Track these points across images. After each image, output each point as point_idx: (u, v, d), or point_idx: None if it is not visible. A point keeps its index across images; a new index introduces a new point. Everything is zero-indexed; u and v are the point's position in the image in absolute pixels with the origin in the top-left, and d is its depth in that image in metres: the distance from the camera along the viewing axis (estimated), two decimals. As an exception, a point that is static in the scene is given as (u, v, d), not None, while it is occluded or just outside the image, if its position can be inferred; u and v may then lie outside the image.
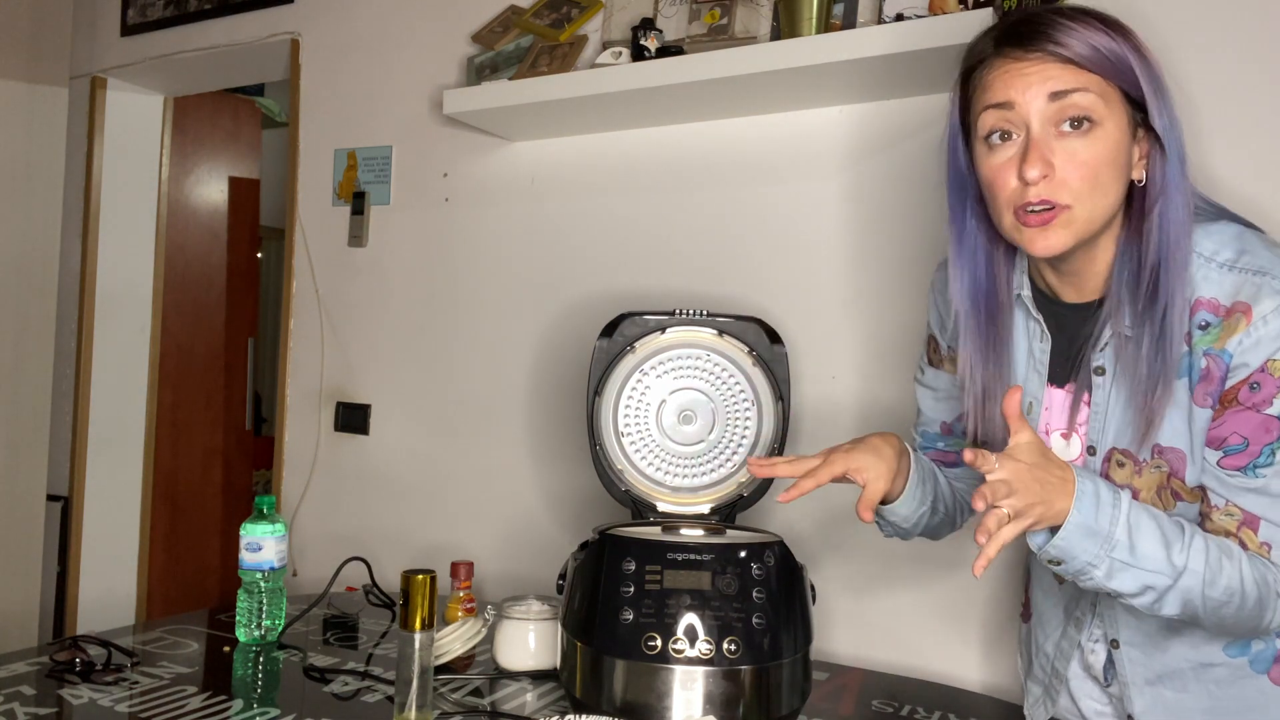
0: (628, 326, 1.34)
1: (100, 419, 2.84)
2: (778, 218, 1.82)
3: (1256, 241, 0.99)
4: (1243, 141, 1.41)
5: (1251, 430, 0.96)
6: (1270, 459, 0.96)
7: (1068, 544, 0.94)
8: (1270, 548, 0.96)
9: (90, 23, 2.85)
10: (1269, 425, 0.95)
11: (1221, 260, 0.98)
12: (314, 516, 2.40)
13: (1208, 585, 0.95)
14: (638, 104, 1.81)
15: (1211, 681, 1.05)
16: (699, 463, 1.35)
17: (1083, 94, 0.95)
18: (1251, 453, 0.96)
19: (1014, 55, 0.98)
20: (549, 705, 1.28)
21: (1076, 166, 0.96)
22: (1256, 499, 0.97)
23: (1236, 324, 0.96)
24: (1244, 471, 0.97)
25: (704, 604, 1.13)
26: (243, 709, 1.22)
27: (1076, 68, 0.95)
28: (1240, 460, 0.97)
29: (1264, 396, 0.95)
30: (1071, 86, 0.95)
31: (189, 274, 3.14)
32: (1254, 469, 0.96)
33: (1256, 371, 0.95)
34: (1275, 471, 0.96)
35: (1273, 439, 0.95)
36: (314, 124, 2.45)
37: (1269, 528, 0.96)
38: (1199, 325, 0.98)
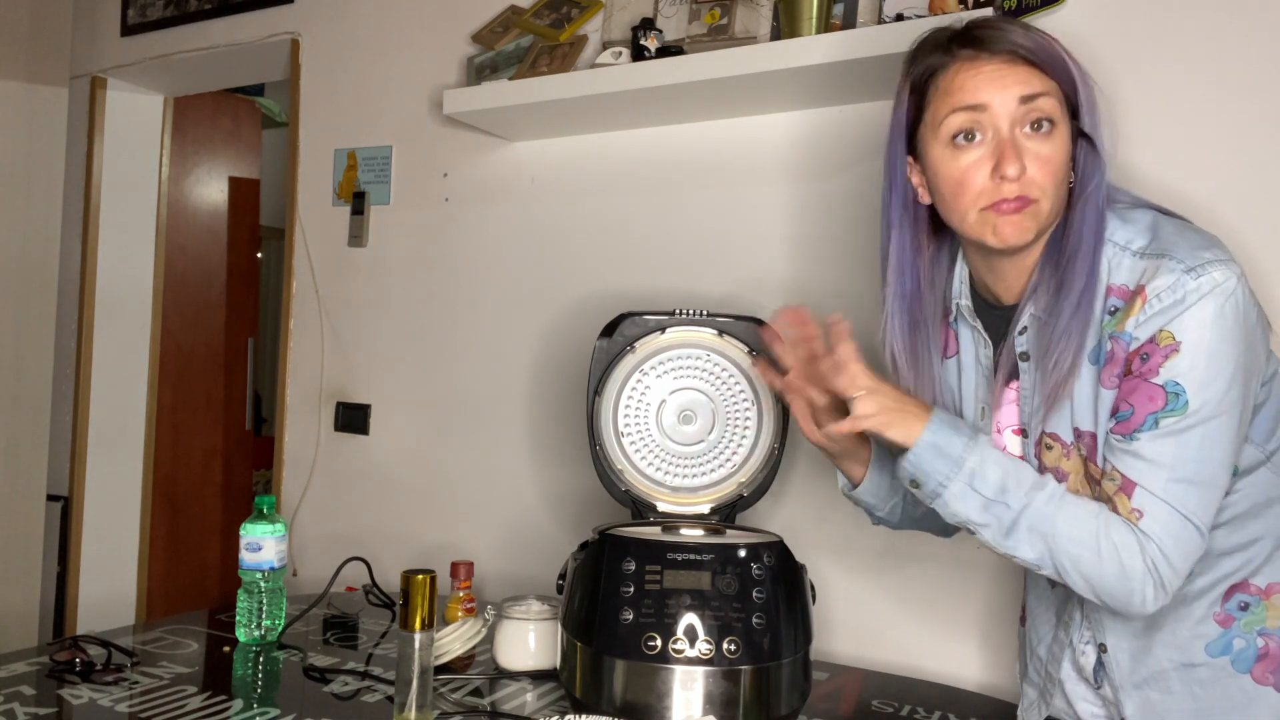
0: (628, 326, 1.34)
1: (100, 419, 2.84)
2: (778, 217, 1.82)
3: (1168, 227, 1.02)
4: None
5: (1138, 399, 0.98)
6: (1153, 427, 0.97)
7: (919, 459, 1.03)
8: (1141, 514, 0.98)
9: (90, 23, 2.85)
10: (1154, 394, 0.97)
11: (1135, 249, 1.01)
12: (314, 516, 2.40)
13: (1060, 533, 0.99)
14: (638, 104, 1.81)
15: (1195, 682, 1.05)
16: (699, 463, 1.35)
17: (1046, 99, 1.00)
18: (1136, 420, 0.98)
19: (979, 58, 1.02)
20: (549, 705, 1.28)
21: (1042, 164, 1.00)
22: (1133, 462, 0.99)
23: (1134, 304, 0.99)
24: (1127, 437, 0.99)
25: (704, 604, 1.13)
26: (243, 709, 1.22)
27: (1040, 71, 1.00)
28: (1126, 427, 0.99)
29: (1151, 366, 0.97)
30: (1039, 90, 1.00)
31: (189, 274, 3.14)
32: (1136, 433, 0.98)
33: (1146, 343, 0.97)
34: (1151, 437, 0.97)
35: (1157, 408, 0.97)
36: (314, 124, 2.45)
37: (1142, 494, 0.98)
38: (1109, 310, 1.01)
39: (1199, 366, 0.95)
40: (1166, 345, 0.96)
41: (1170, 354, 0.96)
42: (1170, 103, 1.47)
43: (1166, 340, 0.96)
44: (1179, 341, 0.96)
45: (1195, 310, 0.95)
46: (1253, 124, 1.42)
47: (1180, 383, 0.96)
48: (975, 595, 1.61)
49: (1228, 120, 1.44)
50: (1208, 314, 0.95)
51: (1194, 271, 0.96)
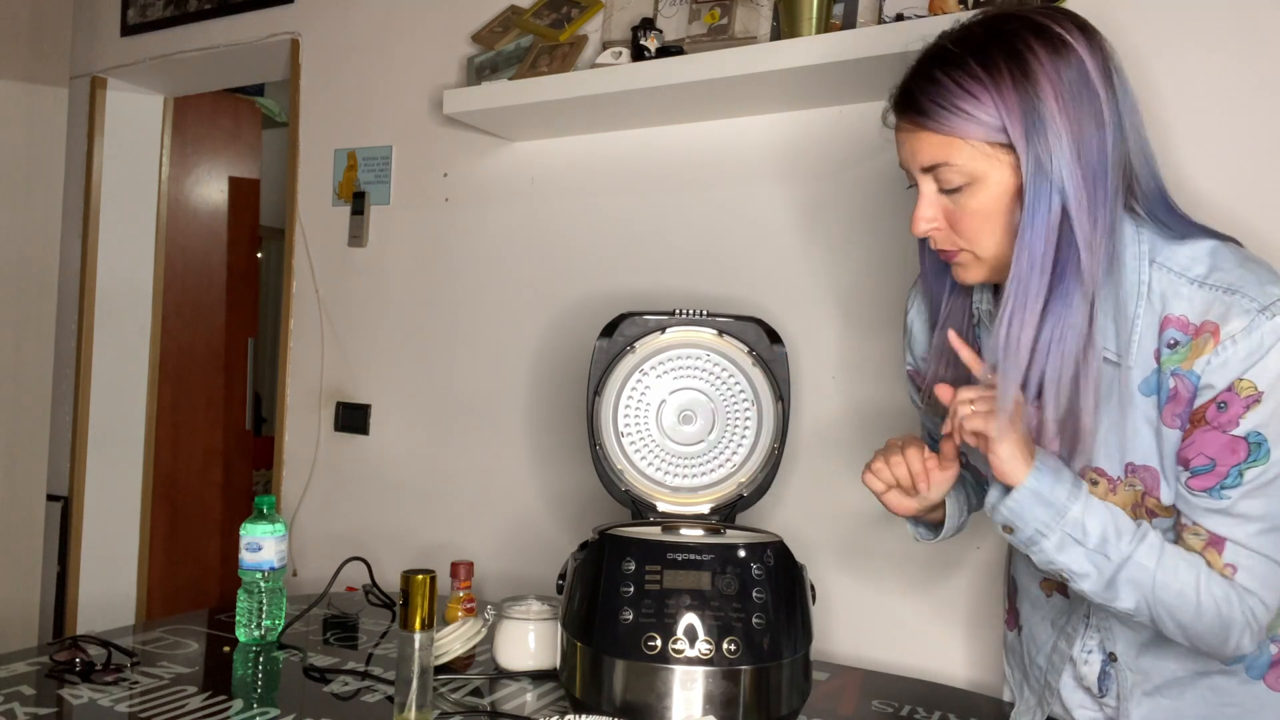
0: (628, 326, 1.34)
1: (100, 419, 2.84)
2: (778, 217, 1.82)
3: (1229, 257, 0.97)
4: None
5: (1218, 451, 0.95)
6: (1237, 480, 0.94)
7: (1020, 506, 0.98)
8: (1235, 569, 0.96)
9: (90, 23, 2.85)
10: (1235, 446, 0.94)
11: (1192, 276, 0.97)
12: (314, 516, 2.40)
13: (1159, 584, 0.96)
14: (638, 104, 1.81)
15: (1207, 688, 1.05)
16: (699, 463, 1.34)
17: (947, 168, 0.98)
18: (1219, 473, 0.95)
19: (898, 120, 1.04)
20: (549, 705, 1.28)
21: (961, 218, 1.00)
22: (1221, 520, 0.96)
23: (1205, 344, 0.94)
24: (1210, 493, 0.96)
25: (704, 604, 1.13)
26: (243, 709, 1.22)
27: (944, 136, 0.97)
28: (1208, 481, 0.96)
29: (1230, 416, 0.94)
30: (938, 161, 0.98)
31: (189, 274, 3.14)
32: (1220, 490, 0.95)
33: (1224, 391, 0.94)
34: (1242, 493, 0.94)
35: (1240, 460, 0.94)
36: (314, 124, 2.45)
37: (1234, 549, 0.95)
38: (1167, 343, 0.97)
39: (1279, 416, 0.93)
40: (1248, 395, 0.93)
41: (1252, 404, 0.93)
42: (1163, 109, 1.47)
43: (1248, 390, 0.93)
44: (1261, 391, 0.92)
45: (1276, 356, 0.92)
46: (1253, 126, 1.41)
47: (1262, 433, 0.93)
48: (975, 596, 1.61)
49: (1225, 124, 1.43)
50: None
51: (1268, 311, 0.92)
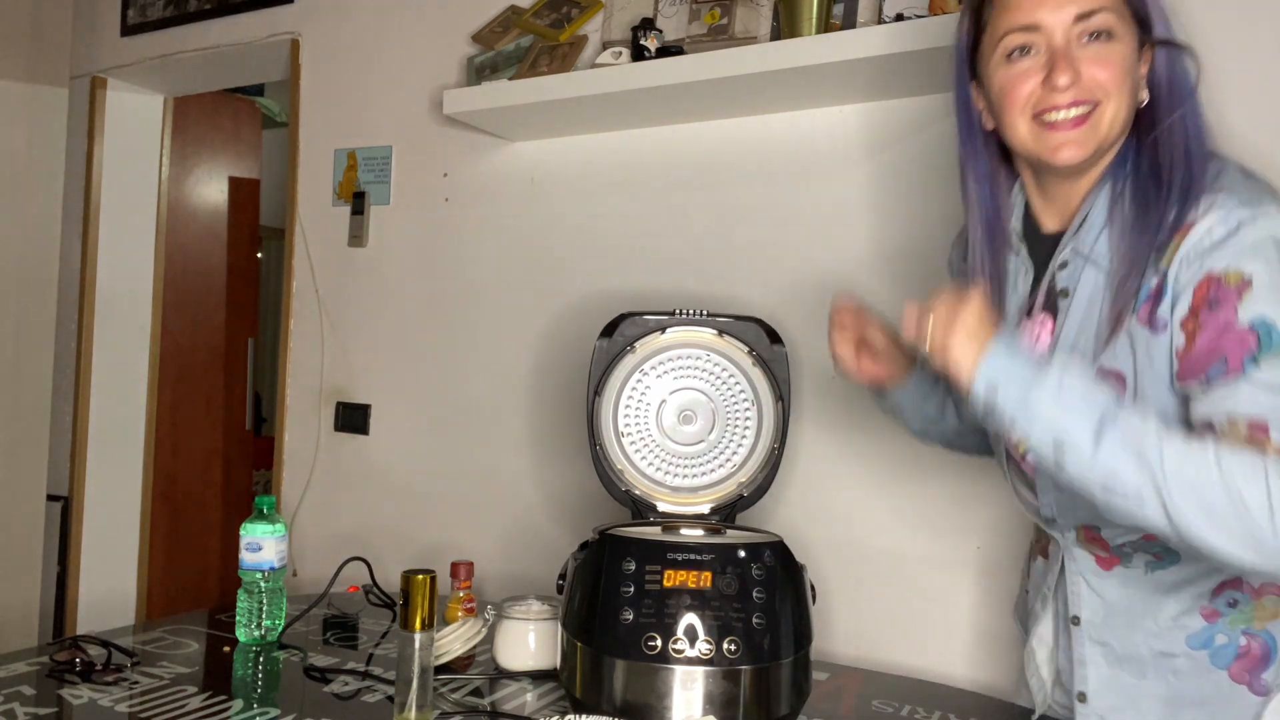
0: (628, 326, 1.34)
1: (100, 419, 2.84)
2: (778, 217, 1.82)
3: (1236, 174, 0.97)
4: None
5: (1230, 345, 0.89)
6: (1256, 367, 0.87)
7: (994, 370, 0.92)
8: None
9: (90, 23, 2.85)
10: (1242, 338, 0.88)
11: None
12: (314, 516, 2.40)
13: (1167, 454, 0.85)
14: (638, 104, 1.81)
15: (1170, 671, 1.05)
16: (699, 463, 1.34)
17: (1103, 14, 0.98)
18: (1234, 367, 0.89)
19: None
20: (549, 705, 1.28)
21: (1104, 65, 0.98)
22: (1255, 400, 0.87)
23: (1178, 241, 0.94)
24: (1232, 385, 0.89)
25: (704, 604, 1.13)
26: (243, 709, 1.22)
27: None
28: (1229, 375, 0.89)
29: (1227, 312, 0.89)
30: (1094, 6, 0.98)
31: (189, 274, 3.14)
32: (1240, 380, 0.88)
33: (1210, 288, 0.90)
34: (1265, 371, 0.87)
35: (1252, 350, 0.88)
36: (314, 124, 2.45)
37: None
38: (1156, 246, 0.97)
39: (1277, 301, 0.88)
40: (1237, 284, 0.89)
41: (1244, 290, 0.89)
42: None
43: (1235, 279, 0.89)
44: (1248, 276, 0.89)
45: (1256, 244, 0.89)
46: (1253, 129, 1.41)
47: (1268, 317, 0.88)
48: (975, 596, 1.61)
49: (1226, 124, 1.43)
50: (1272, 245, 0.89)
51: (1247, 207, 0.91)
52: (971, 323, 0.94)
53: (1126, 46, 0.99)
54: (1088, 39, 0.99)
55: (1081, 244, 1.04)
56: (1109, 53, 0.99)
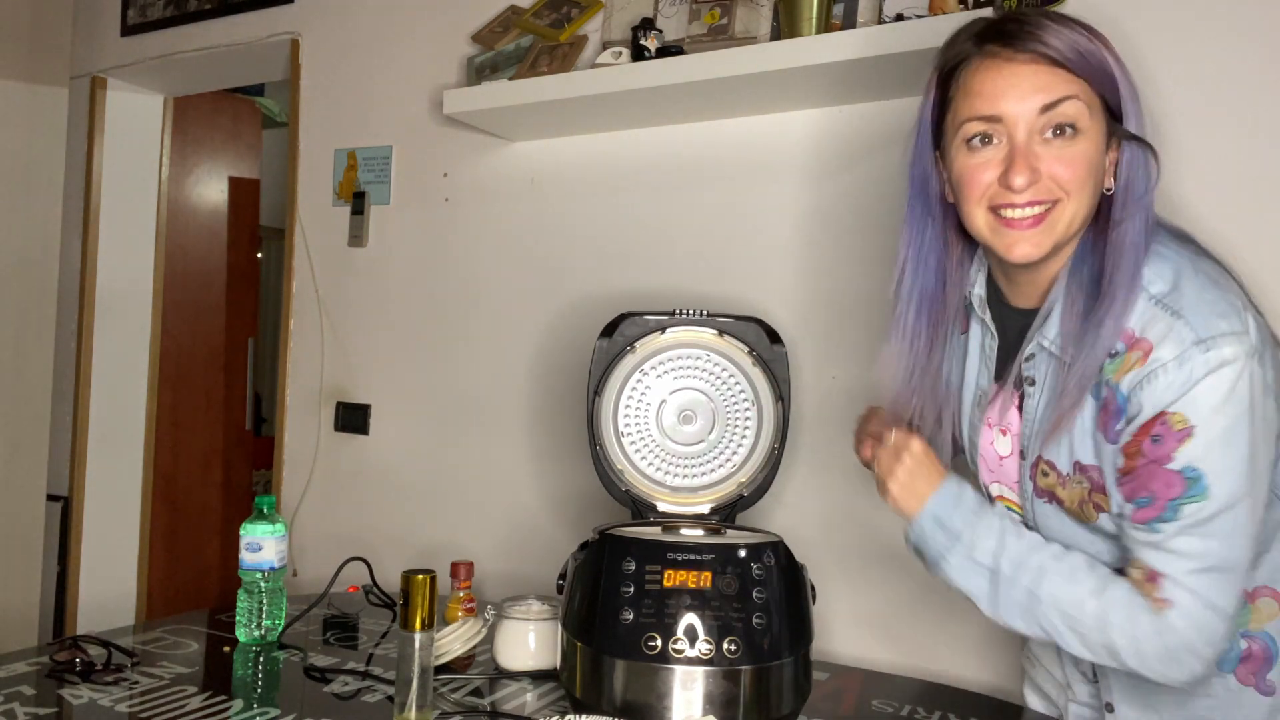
0: (628, 326, 1.34)
1: (100, 419, 2.84)
2: (778, 217, 1.82)
3: (1192, 281, 0.96)
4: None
5: (1157, 485, 0.94)
6: (1175, 515, 0.94)
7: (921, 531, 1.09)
8: (1169, 604, 0.96)
9: (90, 23, 2.85)
10: (1170, 480, 0.94)
11: (1153, 291, 0.97)
12: (314, 516, 2.40)
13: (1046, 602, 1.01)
14: (638, 104, 1.81)
15: None
16: (699, 463, 1.34)
17: (1071, 103, 0.95)
18: (1158, 506, 0.95)
19: (1001, 55, 0.97)
20: (549, 705, 1.28)
21: (1066, 164, 0.96)
22: (1158, 555, 0.96)
23: (1134, 360, 0.95)
24: (1149, 526, 0.96)
25: (704, 604, 1.13)
26: (243, 709, 1.22)
27: (1065, 71, 0.95)
28: (1148, 514, 0.96)
29: (1165, 451, 0.93)
30: (1061, 96, 0.95)
31: (189, 274, 3.14)
32: (1157, 523, 0.95)
33: (1156, 422, 0.93)
34: (1178, 528, 0.94)
35: (1176, 494, 0.94)
36: (314, 124, 2.45)
37: (1170, 585, 0.95)
38: (1111, 351, 0.97)
39: (1215, 452, 0.92)
40: (1181, 430, 0.92)
41: (1184, 439, 0.92)
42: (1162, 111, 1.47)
43: (1180, 424, 0.92)
44: (1192, 425, 0.92)
45: (1206, 390, 0.91)
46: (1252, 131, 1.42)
47: (1198, 468, 0.93)
48: (975, 595, 1.61)
49: (1224, 127, 1.43)
50: (1219, 394, 0.91)
51: (1204, 344, 0.92)
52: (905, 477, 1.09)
53: (1092, 141, 0.97)
54: (1051, 133, 0.96)
55: (1044, 337, 1.04)
56: (1071, 151, 0.96)
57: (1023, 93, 0.96)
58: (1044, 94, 0.95)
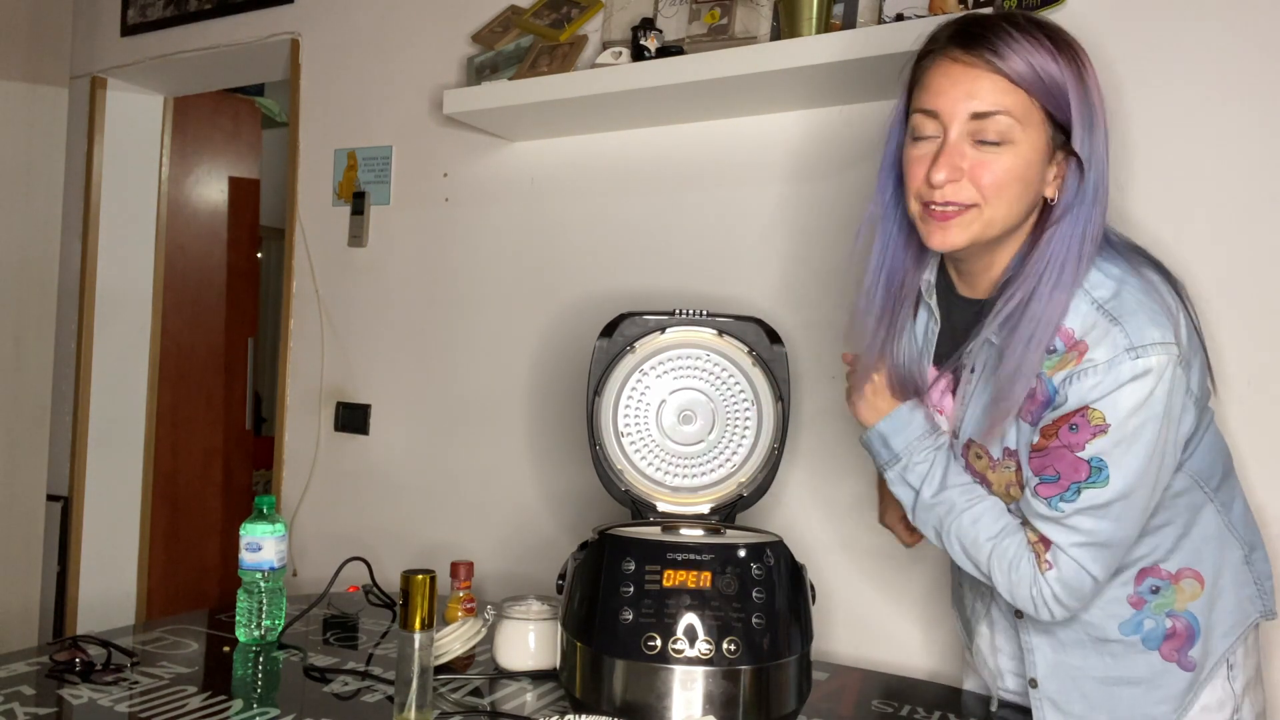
0: (628, 326, 1.34)
1: (100, 419, 2.84)
2: (778, 217, 1.82)
3: (1135, 291, 1.02)
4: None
5: (1065, 467, 1.04)
6: (1075, 496, 1.04)
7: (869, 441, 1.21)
8: (1051, 566, 1.07)
9: (90, 23, 2.85)
10: (1078, 466, 1.03)
11: (1096, 296, 1.02)
12: (314, 516, 2.40)
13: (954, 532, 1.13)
14: (638, 104, 1.81)
15: (1108, 654, 1.14)
16: (699, 463, 1.34)
17: (1002, 117, 0.99)
18: (1061, 486, 1.04)
19: (953, 56, 1.02)
20: (549, 705, 1.28)
21: (988, 170, 1.01)
22: (1052, 527, 1.06)
23: (1070, 360, 1.02)
24: (1049, 502, 1.06)
25: (704, 604, 1.13)
26: (243, 709, 1.22)
27: (1008, 83, 0.99)
28: (1051, 490, 1.05)
29: (1079, 439, 1.02)
30: (994, 108, 0.99)
31: (189, 274, 3.14)
32: (1059, 501, 1.05)
33: (1078, 413, 1.01)
34: (1075, 508, 1.04)
35: (1080, 478, 1.03)
36: (314, 124, 2.45)
37: (1056, 552, 1.06)
38: (1049, 349, 1.03)
39: (1122, 449, 1.01)
40: (1096, 425, 1.01)
41: (1098, 433, 1.01)
42: (1162, 110, 1.47)
43: (1097, 420, 1.01)
44: (1108, 423, 1.00)
45: (1128, 393, 0.99)
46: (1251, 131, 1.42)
47: (1104, 460, 1.02)
48: (975, 595, 1.61)
49: (1227, 128, 1.43)
50: (1138, 398, 0.99)
51: (1134, 351, 0.99)
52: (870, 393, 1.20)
53: (1021, 154, 1.00)
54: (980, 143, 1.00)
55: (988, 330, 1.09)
56: (996, 160, 1.00)
57: (960, 95, 1.01)
58: (979, 101, 1.00)
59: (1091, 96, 1.02)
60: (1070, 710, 1.16)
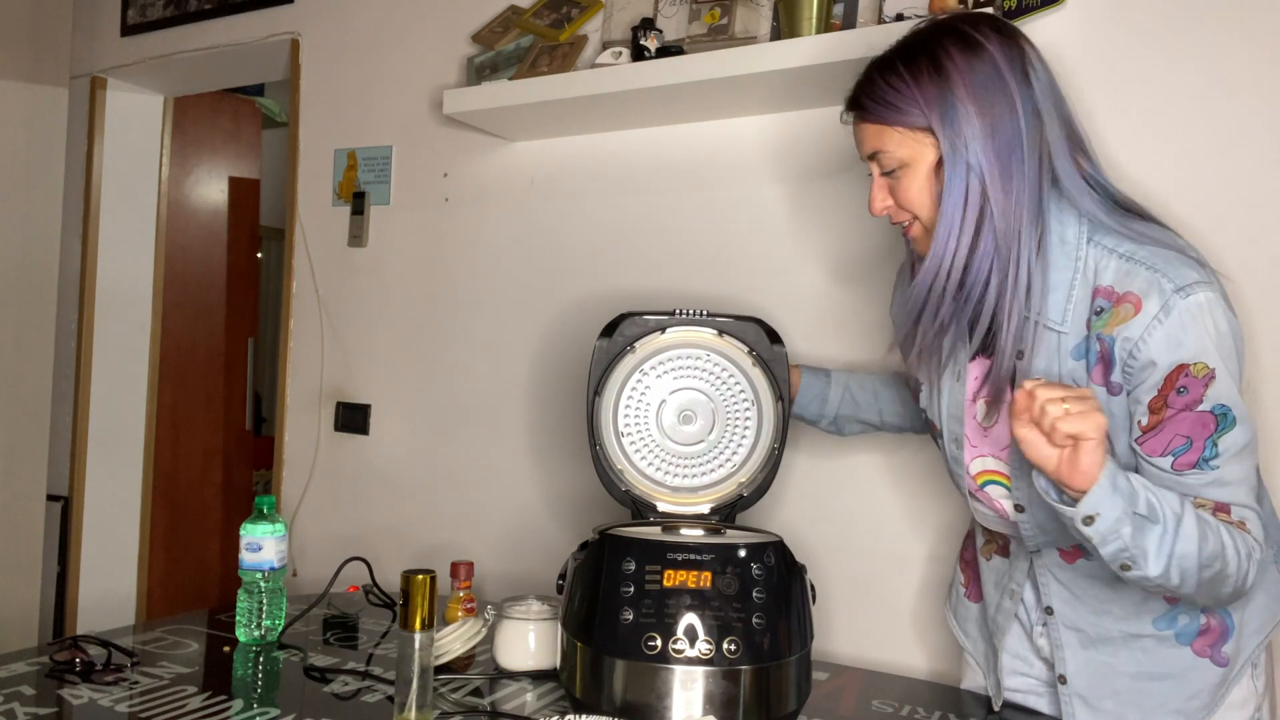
0: (628, 326, 1.34)
1: (100, 419, 2.84)
2: (778, 217, 1.82)
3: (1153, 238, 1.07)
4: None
5: (1191, 429, 1.02)
6: (1215, 451, 1.02)
7: (1101, 497, 0.94)
8: (1245, 524, 1.03)
9: (90, 23, 2.85)
10: (1204, 420, 1.01)
11: (1122, 252, 1.06)
12: (314, 516, 2.40)
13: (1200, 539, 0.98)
14: (638, 104, 1.81)
15: (1139, 649, 1.15)
16: (699, 463, 1.34)
17: (885, 154, 1.12)
18: (1198, 449, 1.02)
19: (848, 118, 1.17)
20: (549, 705, 1.28)
21: (899, 194, 1.13)
22: (1218, 489, 1.03)
23: (1126, 313, 1.03)
24: (1198, 467, 1.03)
25: (704, 604, 1.13)
26: (243, 709, 1.22)
27: (878, 125, 1.11)
28: (1190, 457, 1.02)
29: (1194, 397, 1.01)
30: (875, 149, 1.13)
31: (189, 274, 3.14)
32: (1205, 463, 1.02)
33: (1180, 376, 1.01)
34: (1224, 460, 1.02)
35: (1211, 431, 1.02)
36: (314, 124, 2.45)
37: (1238, 510, 1.03)
38: (1095, 310, 1.06)
39: (1230, 386, 1.01)
40: (1204, 376, 1.01)
41: (1209, 382, 1.01)
42: (1161, 109, 1.47)
43: (1202, 371, 1.00)
44: (1212, 369, 1.00)
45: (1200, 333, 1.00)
46: (1243, 134, 1.42)
47: (1224, 404, 1.01)
48: (975, 595, 1.61)
49: (1219, 128, 1.44)
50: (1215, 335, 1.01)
51: (1183, 291, 1.01)
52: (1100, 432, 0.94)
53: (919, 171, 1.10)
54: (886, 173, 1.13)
55: None
56: (902, 184, 1.12)
57: (859, 146, 1.17)
58: (866, 147, 1.15)
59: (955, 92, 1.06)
60: (1101, 707, 1.16)
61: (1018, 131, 1.05)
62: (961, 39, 1.07)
